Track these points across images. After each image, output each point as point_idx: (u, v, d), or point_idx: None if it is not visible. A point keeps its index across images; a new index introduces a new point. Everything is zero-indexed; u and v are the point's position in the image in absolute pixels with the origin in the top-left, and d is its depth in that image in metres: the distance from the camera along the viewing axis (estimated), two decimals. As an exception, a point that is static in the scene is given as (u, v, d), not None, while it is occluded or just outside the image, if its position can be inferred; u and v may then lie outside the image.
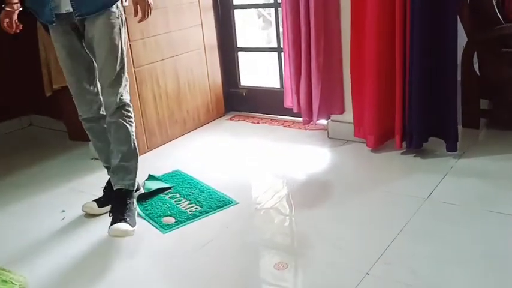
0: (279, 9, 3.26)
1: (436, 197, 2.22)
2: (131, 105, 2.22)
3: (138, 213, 2.32)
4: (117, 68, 2.14)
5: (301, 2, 2.74)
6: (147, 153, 3.04)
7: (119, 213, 2.10)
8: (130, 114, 2.21)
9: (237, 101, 3.64)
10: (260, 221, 2.27)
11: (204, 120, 3.47)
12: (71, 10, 2.04)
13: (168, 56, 3.14)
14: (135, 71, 2.93)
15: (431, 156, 2.62)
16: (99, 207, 2.33)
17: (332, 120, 3.00)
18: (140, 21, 2.17)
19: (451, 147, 2.54)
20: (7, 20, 2.16)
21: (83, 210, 2.35)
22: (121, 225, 2.05)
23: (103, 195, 2.38)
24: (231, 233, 2.15)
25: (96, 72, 2.19)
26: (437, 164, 2.54)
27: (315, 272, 1.83)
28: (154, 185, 2.55)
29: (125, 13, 2.22)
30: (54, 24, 2.08)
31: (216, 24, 3.47)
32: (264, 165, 2.80)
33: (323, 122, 3.06)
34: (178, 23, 3.19)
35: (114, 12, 2.11)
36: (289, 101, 3.08)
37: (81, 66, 2.19)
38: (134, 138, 2.24)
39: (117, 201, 2.18)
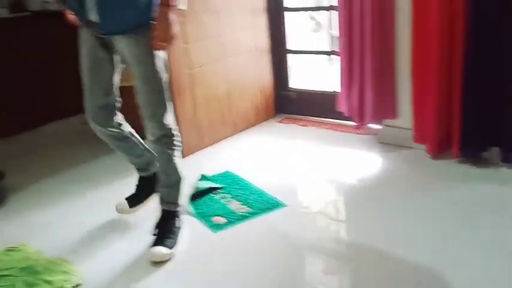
0: (332, 12, 3.26)
1: (492, 207, 2.15)
2: (174, 129, 2.11)
3: (189, 212, 2.37)
4: (156, 94, 1.99)
5: (356, 6, 2.72)
6: (197, 153, 3.10)
7: (162, 236, 2.08)
8: (174, 139, 2.11)
9: (286, 103, 3.65)
10: (308, 224, 2.26)
11: (253, 122, 3.50)
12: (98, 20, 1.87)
13: (219, 58, 3.19)
14: (188, 73, 2.99)
15: (488, 166, 2.53)
16: (130, 207, 2.34)
17: (384, 125, 2.96)
18: (159, 48, 1.92)
19: (507, 157, 2.46)
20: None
21: (116, 211, 2.35)
22: (160, 250, 2.02)
23: (134, 194, 2.38)
24: (280, 236, 2.16)
25: (138, 100, 2.02)
26: (494, 174, 2.45)
27: (364, 279, 1.82)
28: (205, 185, 2.60)
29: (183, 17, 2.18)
30: (90, 28, 1.93)
31: (267, 27, 3.50)
32: (312, 168, 2.79)
33: (375, 126, 3.03)
34: (230, 25, 3.23)
35: (146, 30, 1.87)
36: (341, 105, 3.06)
37: (100, 77, 2.05)
38: (179, 163, 2.16)
39: (162, 222, 2.15)
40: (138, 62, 1.94)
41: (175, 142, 2.12)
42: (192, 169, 2.81)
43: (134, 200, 2.37)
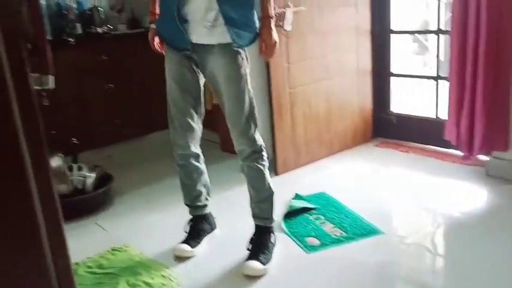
0: (441, 36, 3.14)
1: None
2: (263, 146, 2.15)
3: (283, 230, 2.38)
4: (246, 113, 2.05)
5: (471, 30, 2.60)
6: (293, 171, 3.12)
7: (256, 251, 2.11)
8: (263, 155, 2.15)
9: (386, 127, 3.56)
10: (404, 255, 2.17)
11: (350, 143, 3.45)
12: (200, 42, 1.99)
13: (322, 78, 3.20)
14: (289, 92, 3.03)
15: None
16: (192, 247, 2.26)
17: (493, 157, 2.78)
18: (266, 56, 2.08)
19: None
20: (157, 39, 2.16)
21: (175, 254, 2.26)
22: (255, 264, 2.05)
23: (190, 234, 2.32)
24: (374, 263, 2.09)
25: (227, 120, 2.09)
26: None
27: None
28: (299, 204, 2.60)
29: (287, 37, 2.24)
30: (188, 52, 2.03)
31: (371, 49, 3.45)
32: (412, 197, 2.69)
33: (483, 158, 2.85)
34: (335, 46, 3.23)
35: (241, 52, 2.01)
36: (448, 133, 2.92)
37: (189, 101, 2.13)
38: (268, 178, 2.18)
39: (257, 237, 2.19)
40: (230, 81, 2.01)
41: (264, 157, 2.16)
42: (287, 187, 2.83)
43: (194, 242, 2.29)
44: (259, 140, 2.12)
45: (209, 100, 3.58)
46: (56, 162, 2.54)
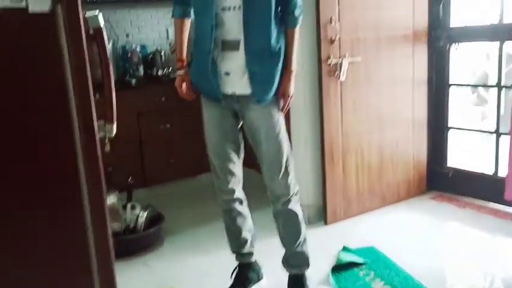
0: (503, 90, 3.06)
1: None
2: (298, 190, 2.20)
3: (331, 284, 2.32)
4: (284, 162, 2.10)
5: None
6: (343, 222, 3.06)
7: None
8: (298, 200, 2.19)
9: (441, 180, 3.45)
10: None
11: (403, 196, 3.36)
12: (237, 93, 2.04)
13: (375, 128, 3.16)
14: (342, 140, 3.02)
15: None
16: None
17: (558, 220, 2.62)
18: (283, 110, 2.12)
19: None
20: (184, 85, 2.17)
21: None
22: None
23: (236, 281, 2.32)
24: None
25: (263, 165, 2.14)
26: None
27: None
28: (348, 257, 2.54)
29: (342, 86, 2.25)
30: (221, 102, 2.08)
31: (428, 101, 3.39)
32: (467, 256, 2.56)
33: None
34: (390, 97, 3.20)
35: (279, 100, 2.08)
36: (509, 192, 2.79)
37: (230, 147, 2.16)
38: (304, 223, 2.21)
39: (293, 286, 2.19)
40: (271, 133, 2.07)
41: (299, 201, 2.20)
42: (336, 238, 2.78)
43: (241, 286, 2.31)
44: (296, 186, 2.18)
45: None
46: (111, 200, 2.63)
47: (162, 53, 4.21)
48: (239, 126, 2.18)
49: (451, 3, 3.26)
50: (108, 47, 1.42)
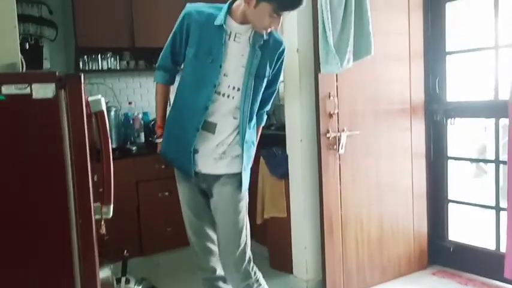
0: (501, 165, 3.07)
1: None
2: (257, 274, 2.19)
3: None
4: (241, 244, 2.12)
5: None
6: (342, 297, 2.98)
7: None
8: (259, 283, 2.17)
9: (442, 255, 3.39)
10: None
11: (404, 270, 3.28)
12: (208, 172, 2.13)
13: (375, 200, 3.15)
14: (341, 214, 3.00)
15: None
16: None
17: None
18: None
19: None
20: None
21: None
22: None
23: None
24: None
25: (217, 245, 2.19)
26: None
27: None
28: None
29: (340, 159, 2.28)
30: (192, 179, 2.15)
31: (427, 173, 3.40)
32: None
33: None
34: (389, 168, 3.21)
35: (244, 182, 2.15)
36: (508, 270, 2.74)
37: (205, 225, 2.21)
38: None
39: None
40: (229, 210, 2.13)
41: (260, 283, 2.17)
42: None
43: None
44: (253, 270, 2.16)
45: (260, 214, 3.60)
46: (105, 273, 2.57)
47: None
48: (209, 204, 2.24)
49: (447, 78, 3.35)
50: (107, 126, 1.47)
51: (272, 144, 3.47)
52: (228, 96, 2.10)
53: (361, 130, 3.03)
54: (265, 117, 2.36)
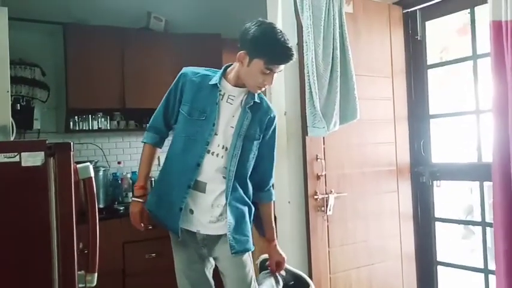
0: (487, 228, 3.09)
1: None
2: None
3: None
4: None
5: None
6: None
7: None
8: None
9: (433, 319, 3.33)
10: None
11: (395, 335, 3.21)
12: (208, 233, 2.15)
13: (364, 263, 3.12)
14: (330, 277, 2.96)
15: None
16: None
17: None
18: (278, 271, 2.37)
19: None
20: (144, 213, 2.28)
21: None
22: None
23: None
24: None
25: None
26: None
27: None
28: None
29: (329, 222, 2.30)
30: (179, 238, 2.17)
31: (414, 235, 3.39)
32: None
33: None
34: (377, 230, 3.21)
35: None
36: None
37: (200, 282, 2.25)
38: None
39: None
40: (238, 279, 2.15)
41: None
42: None
43: None
44: None
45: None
46: None
47: (153, 180, 4.27)
48: (209, 270, 2.27)
49: (431, 141, 3.42)
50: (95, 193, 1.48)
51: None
52: (217, 155, 2.14)
53: (349, 192, 3.05)
54: (273, 192, 2.38)
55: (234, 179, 2.14)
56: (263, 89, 2.19)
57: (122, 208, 3.78)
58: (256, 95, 2.21)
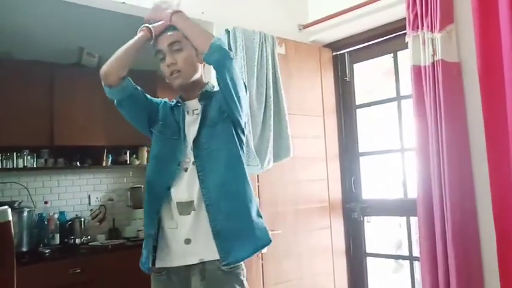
0: (415, 262, 3.20)
1: None
2: None
3: None
4: None
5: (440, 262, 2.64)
6: None
7: None
8: None
9: None
10: None
11: None
12: (192, 262, 1.86)
13: (298, 301, 3.13)
14: (265, 317, 2.93)
15: None
16: None
17: None
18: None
19: None
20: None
21: None
22: None
23: None
24: None
25: None
26: None
27: None
28: None
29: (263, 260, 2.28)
30: (152, 273, 1.92)
31: (347, 271, 3.45)
32: None
33: None
34: (311, 269, 3.22)
35: (243, 269, 1.92)
36: None
37: None
38: None
39: None
40: None
41: None
42: None
43: None
44: None
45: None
46: None
47: (82, 220, 4.10)
48: None
49: (361, 177, 3.55)
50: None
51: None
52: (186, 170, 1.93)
53: (283, 229, 3.07)
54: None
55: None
56: (182, 73, 1.96)
57: (47, 251, 3.58)
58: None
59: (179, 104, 2.04)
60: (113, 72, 1.92)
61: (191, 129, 1.97)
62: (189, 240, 1.86)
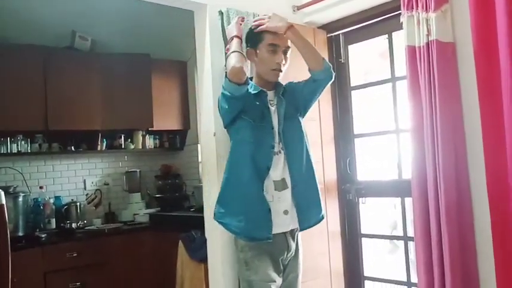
0: (410, 242, 3.23)
1: None
2: None
3: None
4: None
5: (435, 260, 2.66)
6: None
7: None
8: None
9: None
10: None
11: None
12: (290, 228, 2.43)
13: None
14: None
15: None
16: None
17: None
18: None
19: None
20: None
21: None
22: None
23: None
24: None
25: None
26: None
27: None
28: None
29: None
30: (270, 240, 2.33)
31: (342, 252, 3.49)
32: None
33: None
34: (308, 249, 3.18)
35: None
36: None
37: None
38: None
39: None
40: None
41: None
42: None
43: None
44: None
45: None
46: None
47: (78, 205, 4.10)
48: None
49: (356, 159, 3.55)
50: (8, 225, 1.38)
51: (191, 226, 3.42)
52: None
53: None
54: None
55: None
56: (281, 74, 2.39)
57: (43, 236, 3.59)
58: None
59: (263, 94, 2.38)
60: (243, 72, 2.25)
61: (274, 118, 2.39)
62: (287, 211, 2.38)
